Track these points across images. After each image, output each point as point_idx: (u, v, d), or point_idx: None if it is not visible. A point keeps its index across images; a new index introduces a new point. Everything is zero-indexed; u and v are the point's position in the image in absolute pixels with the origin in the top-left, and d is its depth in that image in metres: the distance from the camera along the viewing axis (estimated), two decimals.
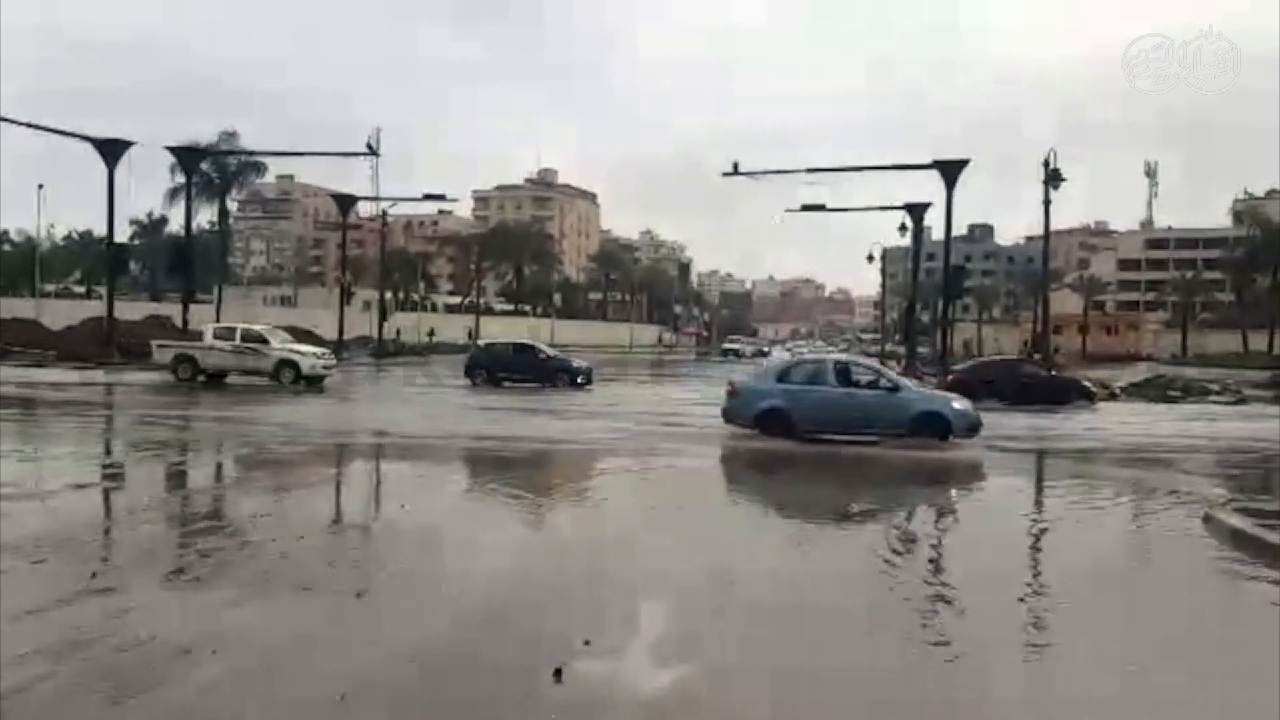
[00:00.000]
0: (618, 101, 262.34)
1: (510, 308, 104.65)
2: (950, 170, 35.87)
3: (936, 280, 60.35)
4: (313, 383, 29.39)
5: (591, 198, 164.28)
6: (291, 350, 30.49)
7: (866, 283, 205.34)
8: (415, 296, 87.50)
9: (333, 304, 56.76)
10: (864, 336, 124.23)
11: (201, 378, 29.45)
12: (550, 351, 35.74)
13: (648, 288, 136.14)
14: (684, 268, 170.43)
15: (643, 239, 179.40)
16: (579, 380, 32.08)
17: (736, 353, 74.45)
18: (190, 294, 46.51)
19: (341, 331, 50.07)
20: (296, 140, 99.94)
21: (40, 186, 64.69)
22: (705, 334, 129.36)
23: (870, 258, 67.12)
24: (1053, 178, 32.74)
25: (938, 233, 47.65)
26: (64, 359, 37.24)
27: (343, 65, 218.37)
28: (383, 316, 54.77)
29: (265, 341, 30.17)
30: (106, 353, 37.43)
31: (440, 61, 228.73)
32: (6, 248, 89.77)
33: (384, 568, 7.66)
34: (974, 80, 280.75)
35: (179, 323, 42.73)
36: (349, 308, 54.28)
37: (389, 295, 71.46)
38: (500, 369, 32.43)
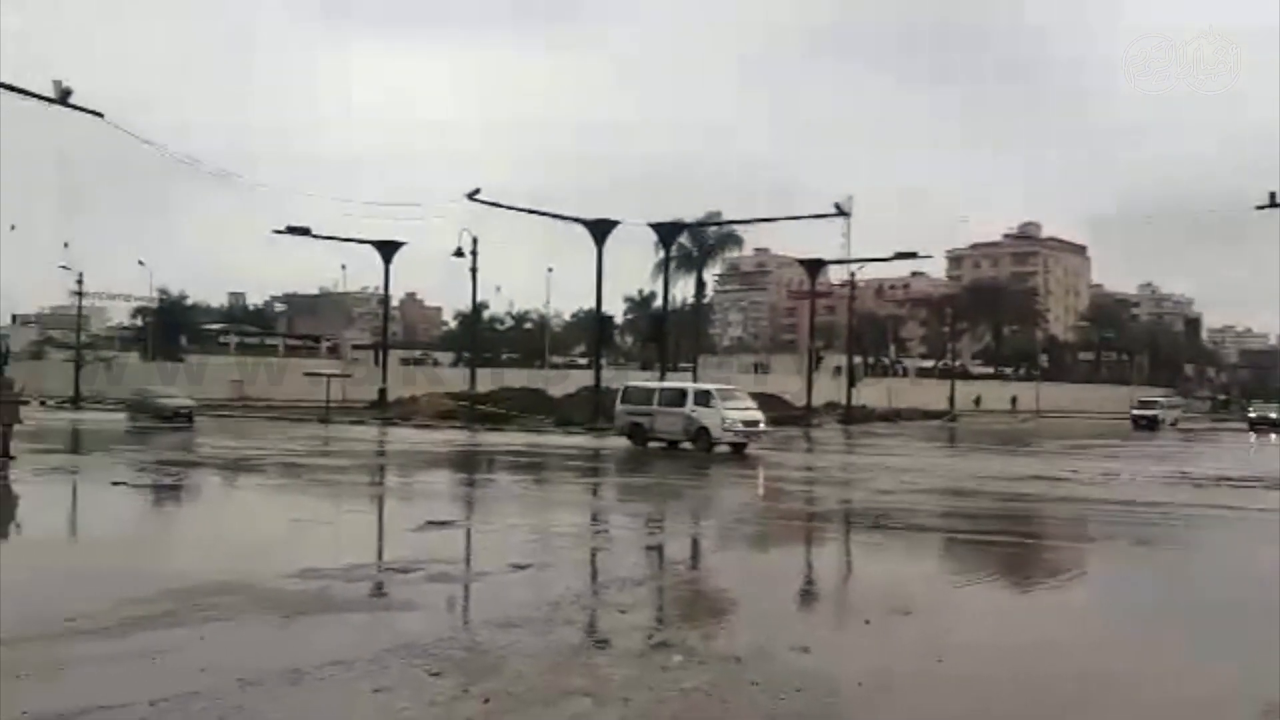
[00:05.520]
0: (1107, 142, 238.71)
1: (988, 371, 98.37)
2: None
3: None
4: None
5: (1080, 251, 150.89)
6: None
7: None
8: (885, 361, 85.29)
9: (804, 370, 56.64)
10: None
11: None
12: None
13: (1148, 347, 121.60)
14: (1192, 323, 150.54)
15: (1141, 293, 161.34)
16: None
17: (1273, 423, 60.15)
18: (666, 363, 48.74)
19: (810, 397, 49.43)
20: (765, 215, 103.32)
21: (549, 270, 72.81)
22: (1224, 398, 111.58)
23: None
24: None
25: None
26: (560, 424, 40.41)
27: (816, 136, 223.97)
28: (850, 381, 53.31)
29: None
30: (594, 419, 39.96)
31: (911, 122, 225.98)
32: (528, 326, 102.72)
33: None
34: None
35: None
36: (818, 373, 53.65)
37: (858, 360, 70.08)
38: None
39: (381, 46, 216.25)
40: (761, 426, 29.13)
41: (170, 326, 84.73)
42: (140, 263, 72.82)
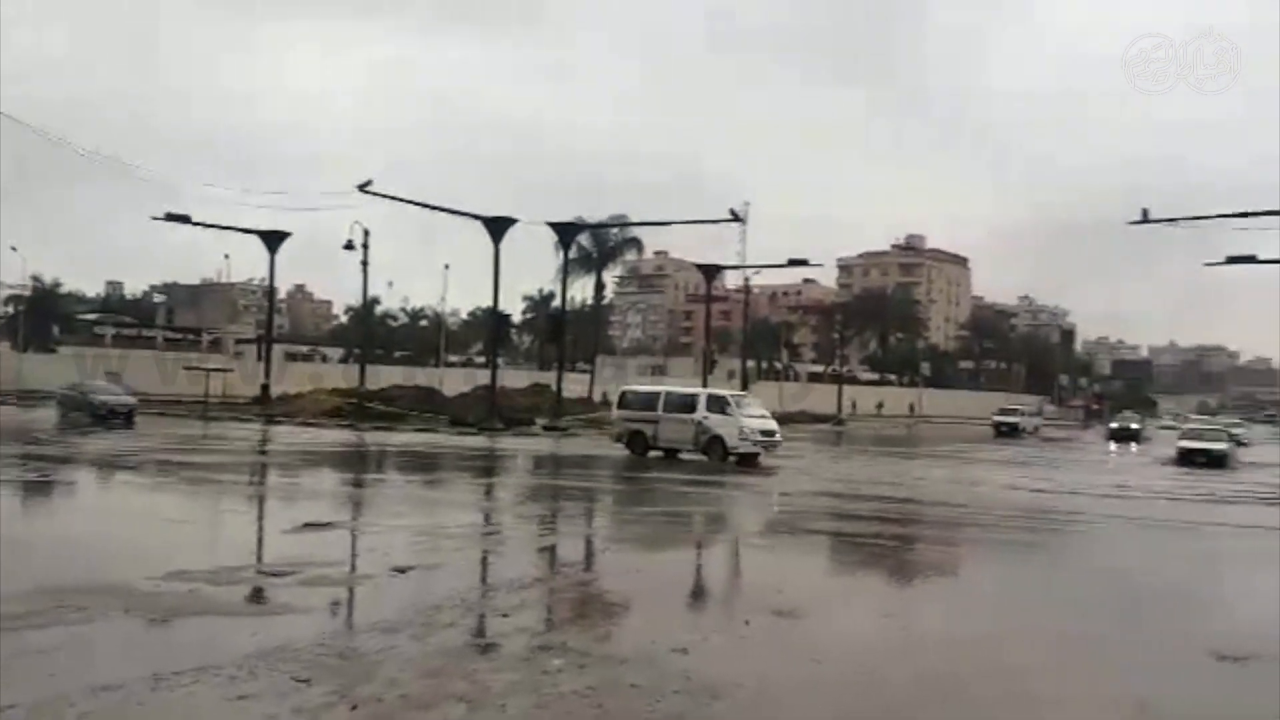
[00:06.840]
0: (990, 158, 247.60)
1: (875, 376, 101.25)
2: None
3: None
4: None
5: (962, 262, 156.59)
6: None
7: None
8: (778, 365, 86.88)
9: (699, 373, 57.25)
10: None
11: None
12: None
13: (1025, 356, 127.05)
14: (1067, 334, 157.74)
15: (1020, 304, 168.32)
16: None
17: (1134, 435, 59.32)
18: (564, 363, 48.51)
19: None
20: (669, 216, 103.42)
21: (446, 266, 72.06)
22: (1096, 407, 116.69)
23: None
24: None
25: None
26: (454, 424, 39.79)
27: (722, 142, 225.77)
28: (744, 385, 54.10)
29: None
30: (489, 418, 39.52)
31: (806, 126, 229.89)
32: (423, 323, 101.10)
33: None
34: None
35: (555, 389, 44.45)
36: (713, 376, 54.23)
37: (752, 364, 71.21)
38: None
39: (283, 32, 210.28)
40: (778, 437, 27.23)
41: (43, 316, 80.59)
42: (12, 248, 68.74)
